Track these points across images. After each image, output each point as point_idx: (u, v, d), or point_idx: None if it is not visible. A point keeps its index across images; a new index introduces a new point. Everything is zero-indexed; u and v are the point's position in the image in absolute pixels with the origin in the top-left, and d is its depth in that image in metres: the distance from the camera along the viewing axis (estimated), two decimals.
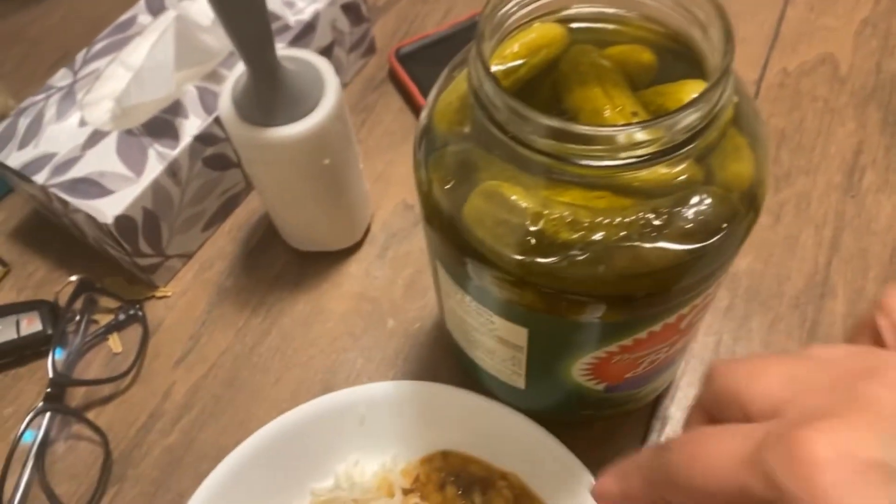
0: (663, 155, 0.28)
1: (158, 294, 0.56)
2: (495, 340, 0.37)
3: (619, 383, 0.39)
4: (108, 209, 0.49)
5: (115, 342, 0.54)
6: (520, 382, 0.41)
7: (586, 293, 0.31)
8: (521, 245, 0.30)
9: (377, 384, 0.46)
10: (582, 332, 0.33)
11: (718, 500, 0.23)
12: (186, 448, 0.49)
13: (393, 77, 0.66)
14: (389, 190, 0.60)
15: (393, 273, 0.56)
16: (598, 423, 0.47)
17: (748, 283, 0.53)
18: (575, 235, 0.30)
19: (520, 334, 0.35)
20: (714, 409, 0.27)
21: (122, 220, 0.49)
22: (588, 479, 0.41)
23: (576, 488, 0.41)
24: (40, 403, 0.48)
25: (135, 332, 0.54)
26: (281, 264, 0.57)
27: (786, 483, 0.21)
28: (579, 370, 0.37)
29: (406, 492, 0.44)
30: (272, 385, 0.51)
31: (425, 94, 0.62)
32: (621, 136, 0.27)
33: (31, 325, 0.53)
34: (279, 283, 0.56)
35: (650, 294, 0.31)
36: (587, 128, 0.27)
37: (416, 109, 0.64)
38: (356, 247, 0.57)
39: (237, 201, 0.59)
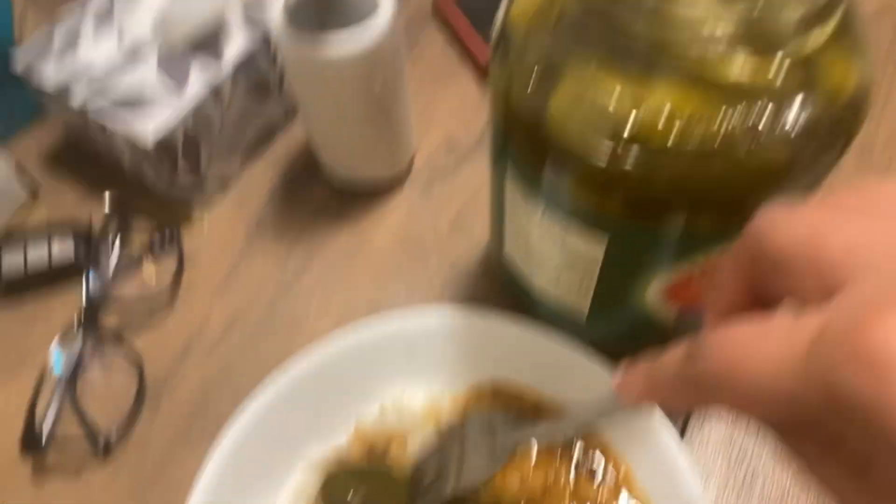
0: (769, 46, 0.26)
1: (195, 221, 0.54)
2: (566, 259, 0.35)
3: (693, 307, 0.37)
4: (148, 133, 0.47)
5: (150, 269, 0.52)
6: (583, 310, 0.39)
7: (677, 196, 0.29)
8: (612, 140, 0.28)
9: (427, 309, 0.44)
10: (664, 243, 0.32)
11: (766, 412, 0.20)
12: (225, 377, 0.48)
13: (437, 12, 0.64)
14: (432, 128, 0.58)
15: (437, 210, 0.54)
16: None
17: None
18: (671, 131, 0.28)
19: (596, 249, 0.33)
20: (756, 273, 0.22)
21: (163, 144, 0.47)
22: (646, 415, 0.39)
23: (631, 423, 0.40)
24: (74, 324, 0.47)
25: (170, 259, 0.52)
26: (322, 197, 0.55)
27: (850, 382, 0.16)
28: (654, 291, 0.35)
29: None
30: (313, 317, 0.50)
31: (475, 25, 0.60)
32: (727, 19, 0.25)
33: (64, 248, 0.51)
34: (320, 216, 0.54)
35: (745, 200, 0.29)
36: (694, 8, 0.25)
37: (461, 45, 0.61)
38: (398, 183, 0.55)
39: (276, 131, 0.57)
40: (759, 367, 0.19)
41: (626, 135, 0.28)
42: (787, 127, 0.27)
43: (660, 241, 0.31)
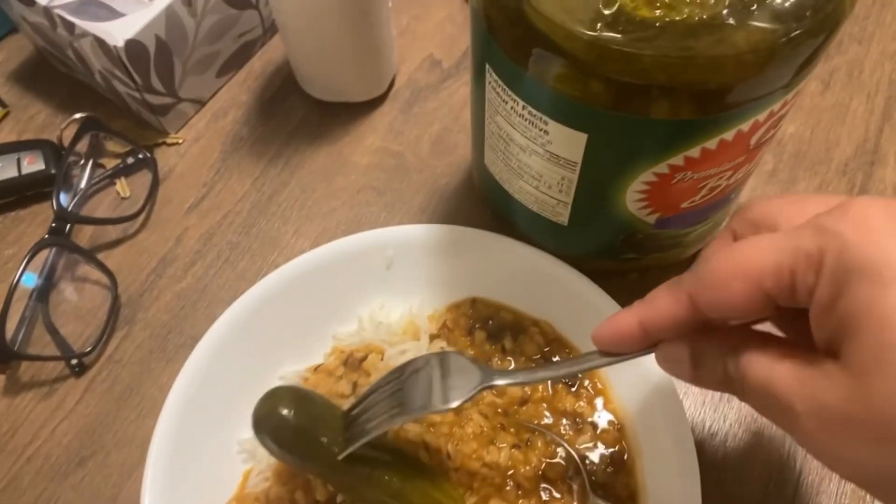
0: None
1: (169, 140, 0.52)
2: (546, 159, 0.34)
3: (672, 215, 0.36)
4: (118, 32, 0.45)
5: (122, 187, 0.51)
6: (563, 217, 0.38)
7: (660, 81, 0.28)
8: (595, 21, 0.27)
9: (408, 226, 0.43)
10: (647, 135, 0.31)
11: (766, 278, 0.23)
12: (200, 293, 0.47)
13: None
14: (415, 45, 0.56)
15: (419, 129, 0.53)
16: (633, 276, 0.44)
17: (795, 148, 0.50)
18: (656, 11, 0.27)
19: (576, 145, 0.32)
20: (747, 233, 0.27)
21: (133, 46, 0.45)
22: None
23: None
24: (45, 237, 0.45)
25: (144, 177, 0.51)
26: (300, 115, 0.53)
27: (835, 226, 0.22)
28: (634, 194, 0.34)
29: (433, 337, 0.42)
30: (291, 235, 0.49)
31: None
32: None
33: (33, 163, 0.49)
34: (298, 134, 0.53)
35: (729, 85, 0.28)
36: None
37: None
38: (379, 101, 0.54)
39: (253, 49, 0.56)
40: (762, 245, 0.23)
41: (608, 15, 0.27)
42: (778, 2, 0.26)
43: (640, 133, 0.31)
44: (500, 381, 0.32)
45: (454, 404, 0.31)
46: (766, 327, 0.27)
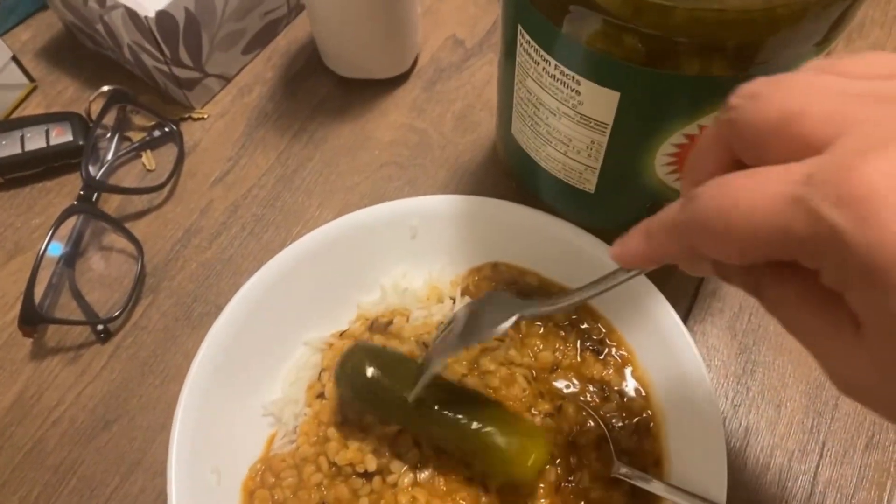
0: None
1: (195, 115, 0.53)
2: (576, 122, 0.35)
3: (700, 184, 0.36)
4: (149, 4, 0.46)
5: (148, 159, 0.51)
6: (590, 184, 0.38)
7: (693, 36, 0.28)
8: None
9: (433, 196, 0.43)
10: (679, 93, 0.31)
11: (757, 245, 0.20)
12: (225, 263, 0.47)
13: None
14: (438, 25, 0.57)
15: (441, 106, 0.53)
16: None
17: None
18: None
19: (608, 105, 0.32)
20: (739, 147, 0.23)
21: (164, 18, 0.46)
22: (653, 294, 0.39)
23: (638, 305, 0.40)
24: (74, 203, 0.46)
25: (169, 151, 0.52)
26: (324, 92, 0.54)
27: (832, 216, 0.18)
28: (663, 158, 0.34)
29: (455, 300, 0.42)
30: (315, 208, 0.49)
31: None
32: None
33: (61, 135, 0.50)
34: (322, 110, 0.53)
35: (762, 41, 0.29)
36: None
37: None
38: (402, 78, 0.54)
39: (278, 28, 0.56)
40: (750, 204, 0.20)
41: None
42: None
43: (672, 91, 0.31)
44: (540, 309, 0.33)
45: (502, 328, 0.33)
46: None
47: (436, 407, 0.36)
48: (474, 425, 0.35)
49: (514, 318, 0.33)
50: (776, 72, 0.30)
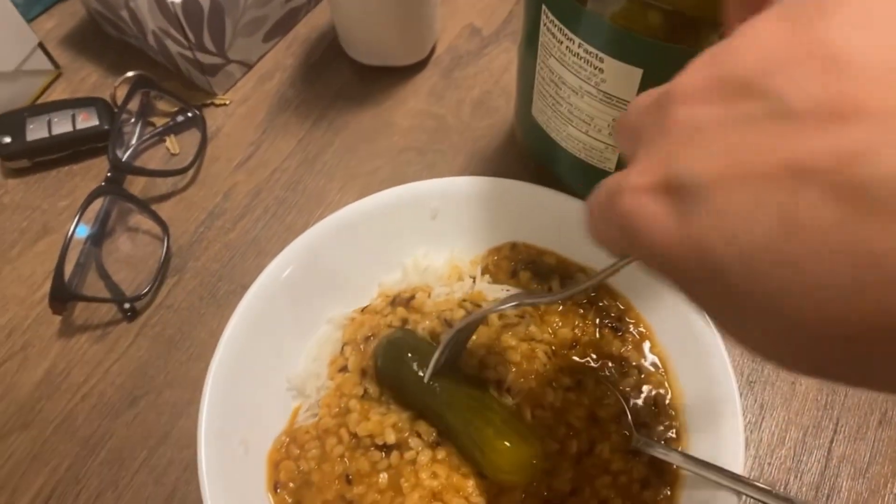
0: None
1: (217, 101, 0.54)
2: (598, 100, 0.36)
3: None
4: None
5: (172, 143, 0.52)
6: (611, 163, 0.39)
7: (716, 10, 0.29)
8: None
9: (453, 178, 0.44)
10: None
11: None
12: (249, 244, 0.48)
13: None
14: (456, 14, 0.58)
15: (459, 93, 0.54)
16: None
17: None
18: None
19: (630, 82, 0.33)
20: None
21: (189, 3, 0.47)
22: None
23: (655, 283, 0.41)
24: (102, 184, 0.47)
25: (192, 136, 0.53)
26: (344, 79, 0.55)
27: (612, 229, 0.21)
28: None
29: (476, 279, 0.43)
30: (337, 191, 0.50)
31: None
32: None
33: (87, 119, 0.51)
34: (342, 97, 0.54)
35: None
36: None
37: None
38: (420, 66, 0.55)
39: (298, 16, 0.57)
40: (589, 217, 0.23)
41: None
42: None
43: None
44: (535, 299, 0.35)
45: (500, 308, 0.35)
46: None
47: (444, 397, 0.37)
48: (469, 426, 0.36)
49: (513, 303, 0.34)
50: None
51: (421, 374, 0.37)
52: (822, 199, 0.15)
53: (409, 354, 0.38)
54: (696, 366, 0.39)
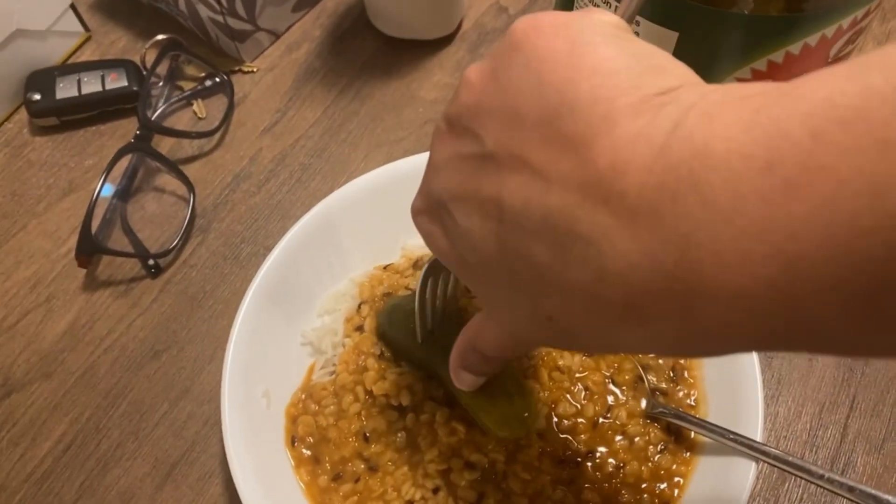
0: None
1: (245, 68, 0.55)
2: None
3: None
4: None
5: (199, 107, 0.53)
6: None
7: None
8: None
9: None
10: (735, 32, 0.32)
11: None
12: (273, 208, 0.49)
13: None
14: None
15: None
16: None
17: None
18: None
19: (666, 46, 0.34)
20: None
21: None
22: None
23: None
24: (131, 141, 0.47)
25: (219, 101, 0.53)
26: (370, 51, 0.55)
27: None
28: None
29: None
30: (361, 159, 0.51)
31: None
32: None
33: (116, 80, 0.52)
34: (368, 68, 0.54)
35: None
36: None
37: None
38: (447, 40, 0.55)
39: None
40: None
41: None
42: None
43: (728, 29, 0.32)
44: None
45: None
46: None
47: (438, 359, 0.36)
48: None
49: None
50: (829, 11, 0.31)
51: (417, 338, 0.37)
52: (482, 218, 0.22)
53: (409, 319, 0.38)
54: None
